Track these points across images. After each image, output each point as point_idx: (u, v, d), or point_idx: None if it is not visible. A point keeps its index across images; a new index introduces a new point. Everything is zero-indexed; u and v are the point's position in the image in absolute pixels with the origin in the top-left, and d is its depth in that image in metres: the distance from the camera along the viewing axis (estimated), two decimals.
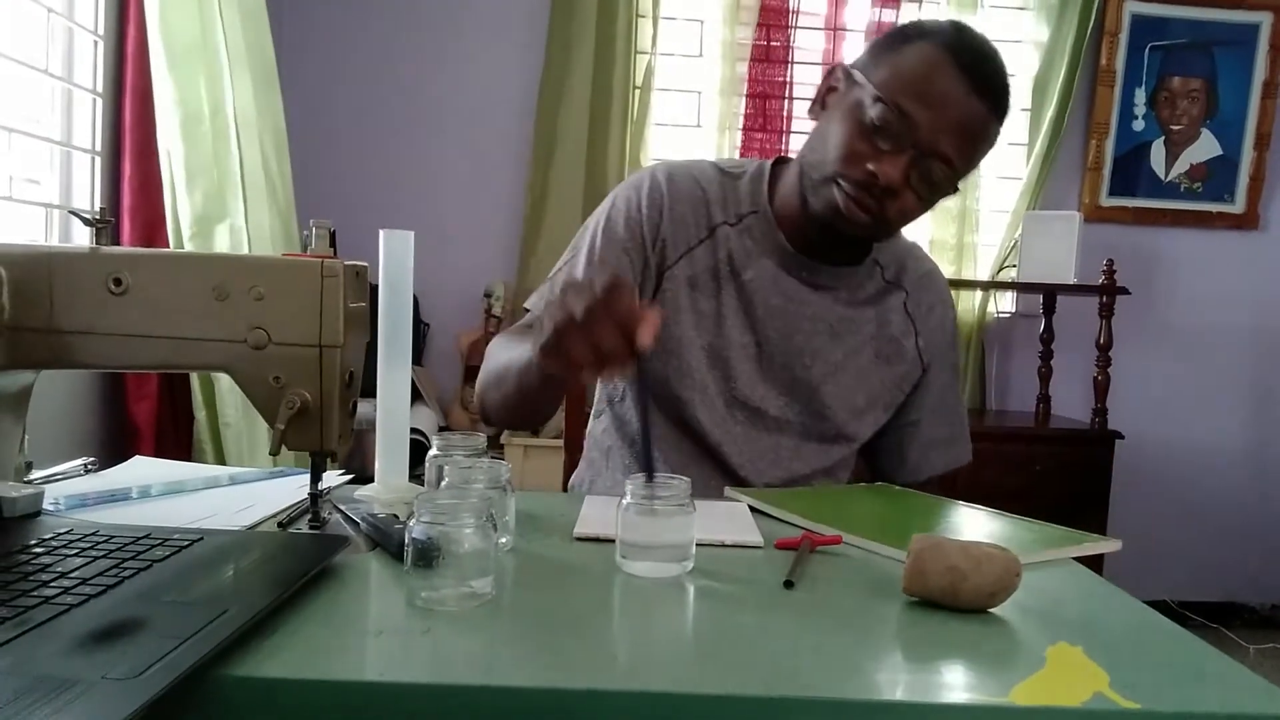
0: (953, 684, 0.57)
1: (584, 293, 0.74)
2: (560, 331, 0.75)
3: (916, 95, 1.01)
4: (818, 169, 1.09)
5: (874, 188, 1.04)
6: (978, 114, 1.03)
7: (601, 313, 0.73)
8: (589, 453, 1.32)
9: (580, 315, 0.73)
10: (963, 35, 1.04)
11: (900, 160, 1.03)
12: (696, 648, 0.62)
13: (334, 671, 0.54)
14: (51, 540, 0.69)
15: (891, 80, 1.03)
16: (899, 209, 1.06)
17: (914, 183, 1.04)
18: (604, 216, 1.19)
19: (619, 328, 0.73)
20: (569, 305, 0.74)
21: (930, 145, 1.02)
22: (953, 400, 1.27)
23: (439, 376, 3.01)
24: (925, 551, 0.69)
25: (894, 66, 1.04)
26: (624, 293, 0.74)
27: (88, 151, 2.06)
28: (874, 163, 1.03)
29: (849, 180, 1.05)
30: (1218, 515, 3.27)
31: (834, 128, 1.07)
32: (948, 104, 1.01)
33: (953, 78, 1.01)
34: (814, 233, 1.13)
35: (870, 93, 1.03)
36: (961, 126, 1.02)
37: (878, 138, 1.03)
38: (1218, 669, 0.60)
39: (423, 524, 0.64)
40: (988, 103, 1.02)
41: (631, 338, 0.73)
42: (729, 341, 1.16)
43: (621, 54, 2.92)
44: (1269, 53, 3.10)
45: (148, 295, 0.77)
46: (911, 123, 1.01)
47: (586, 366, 0.75)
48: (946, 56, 1.01)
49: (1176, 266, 3.21)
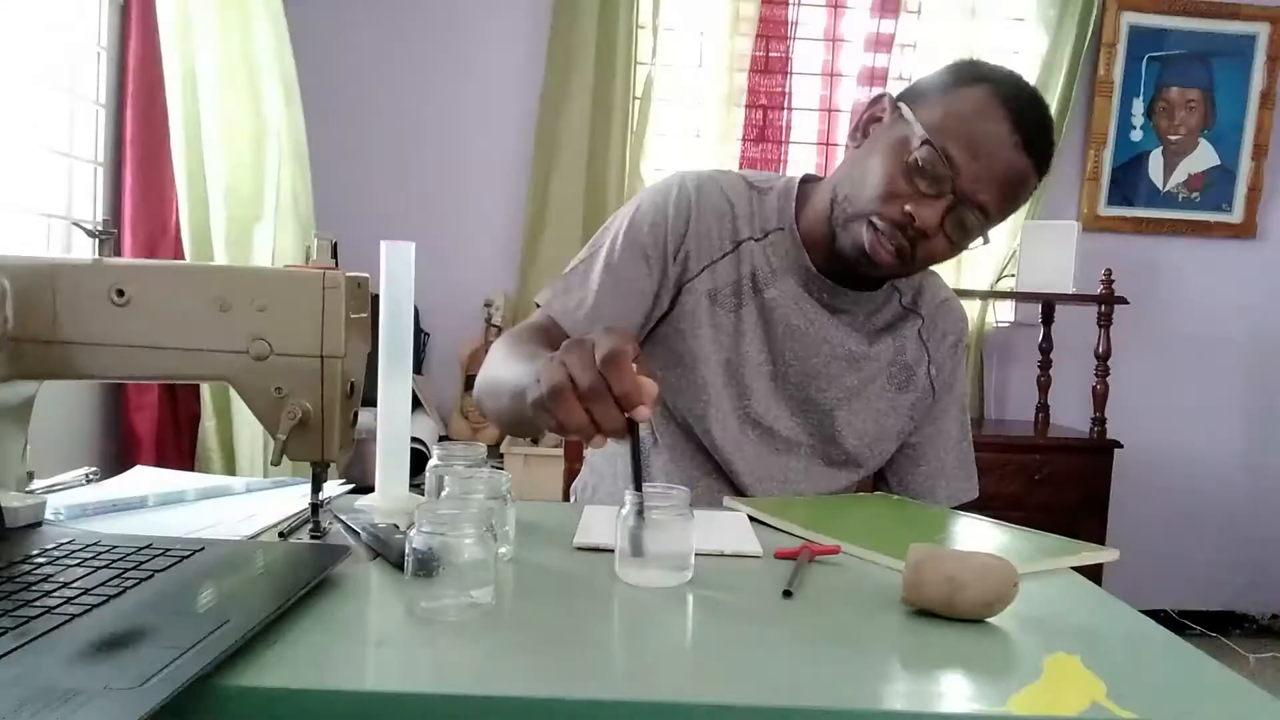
0: (950, 694, 0.57)
1: (586, 359, 0.69)
2: (556, 395, 0.70)
3: (965, 143, 1.00)
4: (853, 203, 1.07)
5: (908, 230, 1.03)
6: (1022, 169, 1.02)
7: (602, 387, 0.68)
8: (591, 459, 1.32)
9: (582, 386, 0.69)
10: (1020, 87, 1.03)
11: (939, 205, 1.02)
12: (696, 657, 0.62)
13: (335, 681, 0.54)
14: (53, 550, 0.70)
15: (940, 123, 1.01)
16: (928, 252, 1.06)
17: (948, 229, 1.03)
18: (628, 218, 1.16)
19: (618, 401, 0.69)
20: (570, 369, 0.70)
21: (970, 194, 1.01)
22: (959, 433, 1.26)
23: (439, 386, 3.02)
24: (923, 562, 0.69)
25: (945, 109, 1.02)
26: (625, 364, 0.69)
27: (90, 163, 2.06)
28: (912, 204, 1.02)
29: (884, 219, 1.04)
30: (1217, 524, 3.27)
31: (874, 161, 1.06)
32: (995, 156, 1.00)
33: (1004, 130, 1.00)
34: (837, 261, 1.12)
35: (919, 133, 1.02)
36: (1005, 180, 1.01)
37: (919, 179, 1.02)
38: (1214, 679, 0.61)
39: (423, 534, 0.64)
40: (1033, 159, 1.01)
41: (628, 410, 0.70)
42: (746, 358, 1.15)
43: (622, 65, 2.94)
44: (1266, 63, 3.12)
45: (150, 306, 0.77)
46: (955, 169, 1.00)
47: (581, 434, 0.71)
48: (1002, 108, 1.00)
49: (1175, 276, 3.22)
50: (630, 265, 1.13)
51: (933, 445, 1.24)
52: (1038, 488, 2.70)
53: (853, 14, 3.06)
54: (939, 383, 1.23)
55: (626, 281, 1.12)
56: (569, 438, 0.73)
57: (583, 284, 1.13)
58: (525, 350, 1.01)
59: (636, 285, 1.12)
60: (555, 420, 0.71)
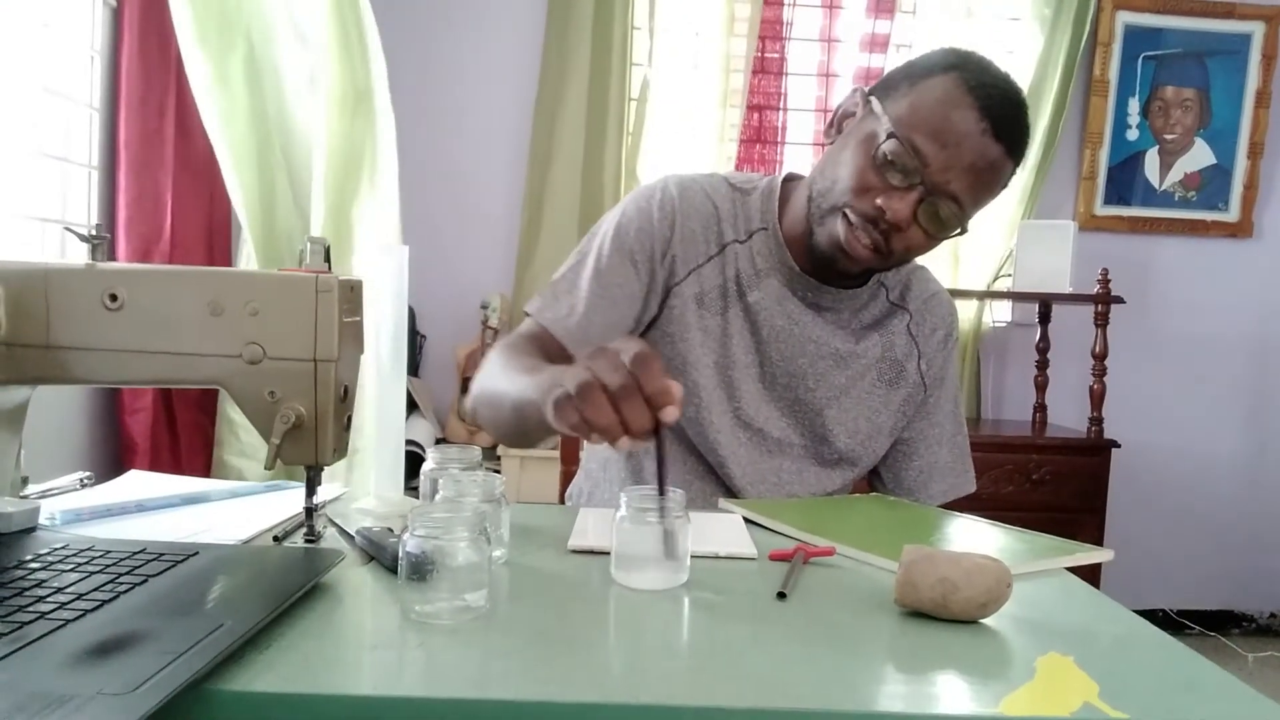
0: (944, 695, 0.57)
1: (615, 361, 0.70)
2: (585, 393, 0.70)
3: (932, 133, 0.99)
4: (826, 197, 1.07)
5: (880, 222, 1.03)
6: (992, 155, 1.00)
7: (633, 386, 0.69)
8: (586, 464, 1.32)
9: (613, 386, 0.69)
10: (984, 72, 1.02)
11: (909, 197, 1.01)
12: (690, 660, 0.62)
13: (328, 685, 0.54)
14: (47, 556, 0.70)
15: (907, 115, 1.01)
16: (904, 245, 1.05)
17: (922, 220, 1.03)
18: (613, 224, 1.16)
19: (648, 401, 0.70)
20: (598, 371, 0.70)
21: (941, 184, 1.01)
22: (953, 427, 1.25)
23: (436, 388, 3.01)
24: (916, 563, 0.69)
25: (911, 100, 1.01)
26: (656, 365, 0.70)
27: (84, 166, 2.06)
28: (883, 197, 1.02)
29: (856, 212, 1.04)
30: (1215, 523, 3.28)
31: (846, 156, 1.06)
32: (963, 144, 0.99)
33: (971, 117, 0.99)
34: (819, 259, 1.12)
35: (885, 126, 1.02)
36: (975, 167, 1.00)
37: (888, 172, 1.01)
38: (1207, 678, 0.61)
39: (417, 537, 0.64)
40: (1004, 144, 1.00)
41: (657, 410, 0.70)
42: (734, 361, 1.15)
43: (617, 66, 2.94)
44: (1261, 62, 3.12)
45: (143, 311, 0.77)
46: (924, 160, 1.00)
47: (607, 435, 0.71)
48: (968, 95, 0.99)
49: (1171, 275, 3.22)
50: (618, 270, 1.13)
51: (926, 440, 1.24)
52: (1036, 488, 2.70)
53: (848, 14, 3.06)
54: (930, 377, 1.22)
55: (615, 287, 1.12)
56: (590, 440, 0.72)
57: (571, 291, 1.13)
58: (523, 362, 1.00)
59: (625, 290, 1.13)
60: (581, 419, 0.70)
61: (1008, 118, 1.00)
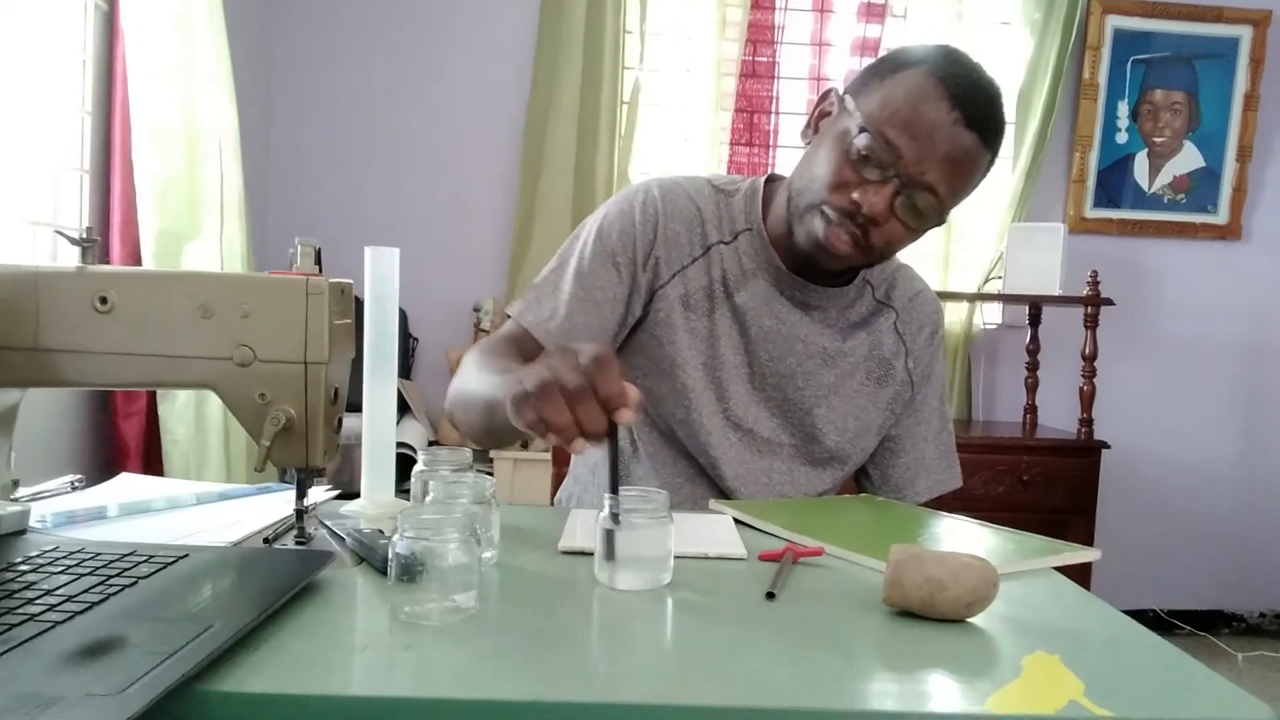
0: (930, 694, 0.58)
1: (573, 362, 0.70)
2: (543, 392, 0.70)
3: (903, 125, 1.00)
4: (804, 195, 1.08)
5: (857, 217, 1.03)
6: (967, 145, 1.01)
7: (588, 388, 0.69)
8: (575, 469, 1.32)
9: (570, 387, 0.69)
10: (955, 63, 1.02)
11: (885, 190, 1.02)
12: (679, 660, 0.63)
13: (318, 686, 0.54)
14: (37, 558, 0.70)
15: (879, 109, 1.01)
16: (884, 239, 1.05)
17: (900, 213, 1.03)
18: (595, 227, 1.16)
19: (603, 404, 0.70)
20: (557, 371, 0.70)
21: (916, 176, 1.01)
22: (939, 424, 1.26)
23: (428, 391, 3.01)
24: (903, 563, 0.70)
25: (882, 95, 1.02)
26: (613, 368, 0.70)
27: (77, 170, 2.06)
28: (859, 192, 1.02)
29: (833, 208, 1.04)
30: (1204, 523, 3.29)
31: (822, 154, 1.06)
32: (935, 134, 0.99)
33: (941, 108, 0.99)
34: (803, 257, 1.12)
35: (857, 121, 1.02)
36: (949, 158, 1.01)
37: (863, 167, 1.02)
38: (1194, 677, 0.61)
39: (406, 539, 0.65)
40: (977, 134, 1.00)
41: (612, 412, 0.70)
42: (723, 362, 1.16)
43: (609, 70, 2.94)
44: (1250, 65, 3.14)
45: (133, 314, 0.77)
46: (897, 153, 1.00)
47: (562, 435, 0.71)
48: (936, 86, 1.00)
49: (1161, 277, 3.24)
50: (600, 274, 1.13)
51: (913, 437, 1.24)
52: (1026, 489, 2.71)
53: (839, 19, 3.07)
54: (917, 375, 1.23)
55: (597, 290, 1.12)
56: (547, 440, 0.72)
57: (554, 294, 1.13)
58: (498, 363, 1.02)
59: (607, 293, 1.13)
60: (538, 417, 0.71)
61: (979, 107, 1.01)
